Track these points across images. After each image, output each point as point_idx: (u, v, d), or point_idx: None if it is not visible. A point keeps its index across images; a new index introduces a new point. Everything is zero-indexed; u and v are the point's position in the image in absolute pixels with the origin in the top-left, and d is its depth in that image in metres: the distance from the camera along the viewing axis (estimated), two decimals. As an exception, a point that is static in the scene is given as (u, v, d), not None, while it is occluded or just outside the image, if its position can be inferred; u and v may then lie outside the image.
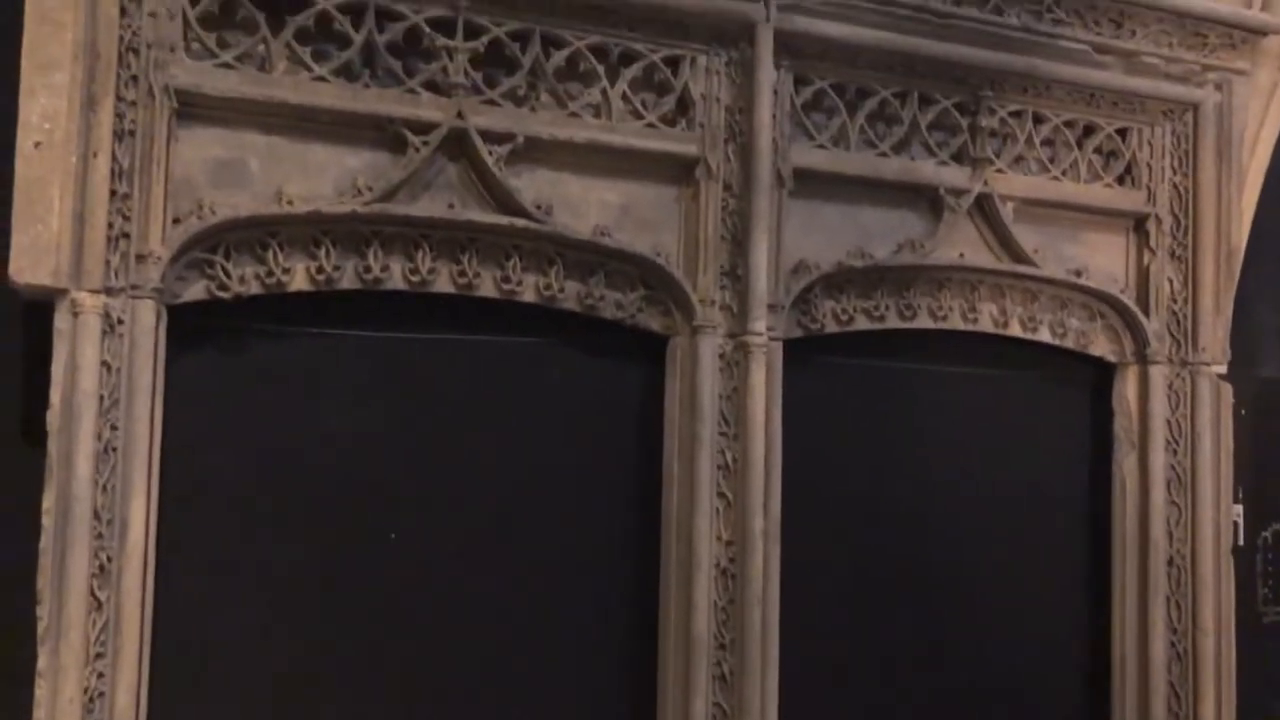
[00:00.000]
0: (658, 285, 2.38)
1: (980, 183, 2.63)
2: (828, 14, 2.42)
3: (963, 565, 2.76)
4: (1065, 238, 2.79)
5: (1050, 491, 2.84)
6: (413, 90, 2.17)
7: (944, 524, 2.73)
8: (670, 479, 2.39)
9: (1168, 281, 2.84)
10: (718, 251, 2.38)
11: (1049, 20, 2.60)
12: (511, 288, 2.26)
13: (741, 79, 2.39)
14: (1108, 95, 2.74)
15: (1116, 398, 2.87)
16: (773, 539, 2.36)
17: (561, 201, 2.30)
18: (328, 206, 2.09)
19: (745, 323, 2.36)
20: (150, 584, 1.96)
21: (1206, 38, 2.75)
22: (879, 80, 2.55)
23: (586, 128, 2.29)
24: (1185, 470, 2.83)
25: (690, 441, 2.35)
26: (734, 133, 2.40)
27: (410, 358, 2.26)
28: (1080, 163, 2.78)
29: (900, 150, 2.60)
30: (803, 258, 2.48)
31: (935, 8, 2.49)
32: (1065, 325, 2.80)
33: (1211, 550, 2.81)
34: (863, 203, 2.58)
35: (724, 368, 2.38)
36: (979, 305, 2.70)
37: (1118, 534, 2.85)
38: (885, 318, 2.61)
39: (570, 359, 2.39)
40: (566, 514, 2.37)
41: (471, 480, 2.30)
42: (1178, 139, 2.84)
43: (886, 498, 2.66)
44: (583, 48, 2.29)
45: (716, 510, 2.35)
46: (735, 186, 2.39)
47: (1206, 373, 2.83)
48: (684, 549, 2.34)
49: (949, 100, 2.62)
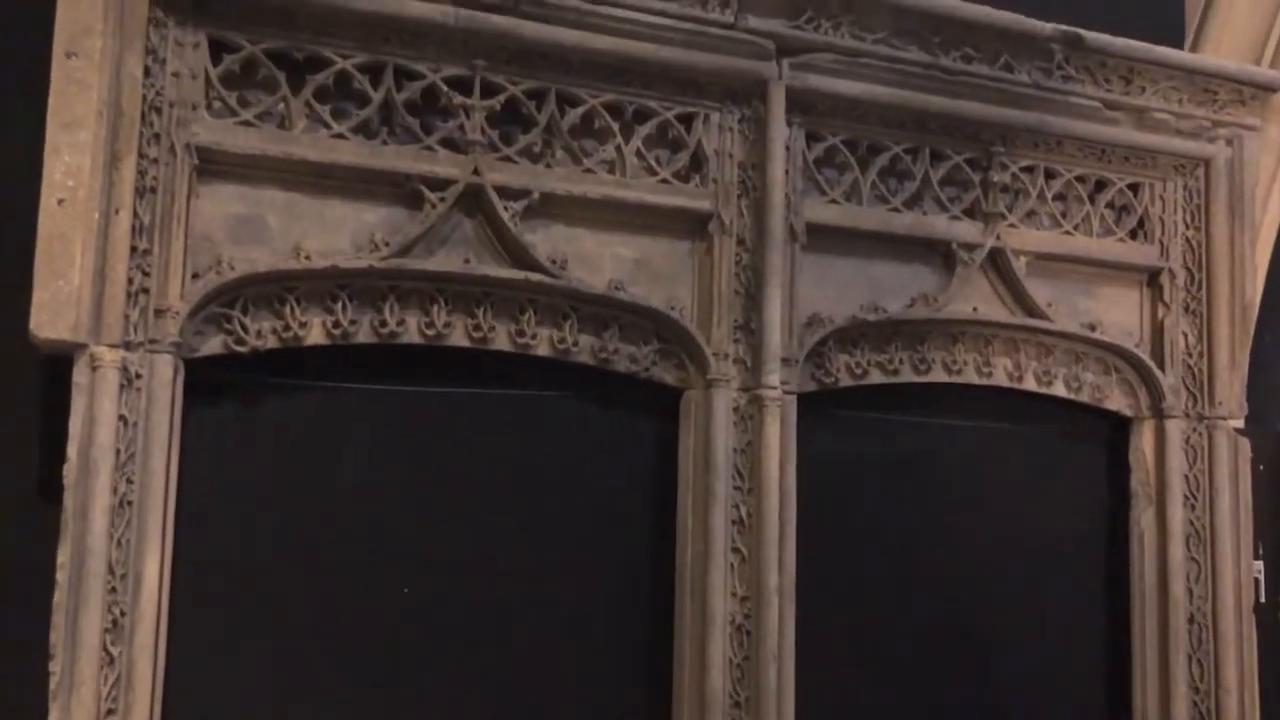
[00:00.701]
0: (672, 339, 2.39)
1: (993, 237, 2.64)
2: (839, 72, 2.45)
3: (980, 622, 2.73)
4: (1079, 292, 2.79)
5: (1068, 547, 2.82)
6: (430, 147, 2.19)
7: (960, 580, 2.70)
8: (684, 533, 2.37)
9: (1182, 336, 2.83)
10: (731, 305, 2.39)
11: (1059, 77, 2.62)
12: (526, 341, 2.27)
13: (754, 135, 2.42)
14: (1119, 150, 2.76)
15: (1133, 452, 2.85)
16: (788, 595, 2.34)
17: (576, 256, 2.31)
18: (345, 261, 2.11)
19: (759, 376, 2.37)
20: (163, 639, 1.96)
21: (1216, 94, 2.77)
22: (891, 136, 2.58)
23: (601, 184, 2.32)
24: (1204, 526, 2.81)
25: (704, 495, 2.35)
26: (747, 188, 2.42)
27: (425, 412, 2.27)
28: (1093, 217, 2.79)
29: (912, 205, 2.61)
30: (816, 311, 2.49)
31: (946, 65, 2.52)
32: (1080, 379, 2.79)
33: (1233, 607, 2.78)
34: (876, 257, 2.59)
35: (738, 421, 2.38)
36: (993, 359, 2.70)
37: (1137, 591, 2.82)
38: (899, 371, 2.61)
39: (584, 412, 2.39)
40: (580, 569, 2.36)
41: (485, 534, 2.30)
42: (1189, 194, 2.85)
43: (902, 553, 2.64)
44: (597, 105, 2.32)
45: (731, 565, 2.34)
46: (749, 241, 2.41)
47: (1223, 427, 2.81)
48: (698, 605, 2.32)
49: (961, 156, 2.64)
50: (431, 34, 2.16)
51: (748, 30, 2.36)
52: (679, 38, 2.31)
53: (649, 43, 2.29)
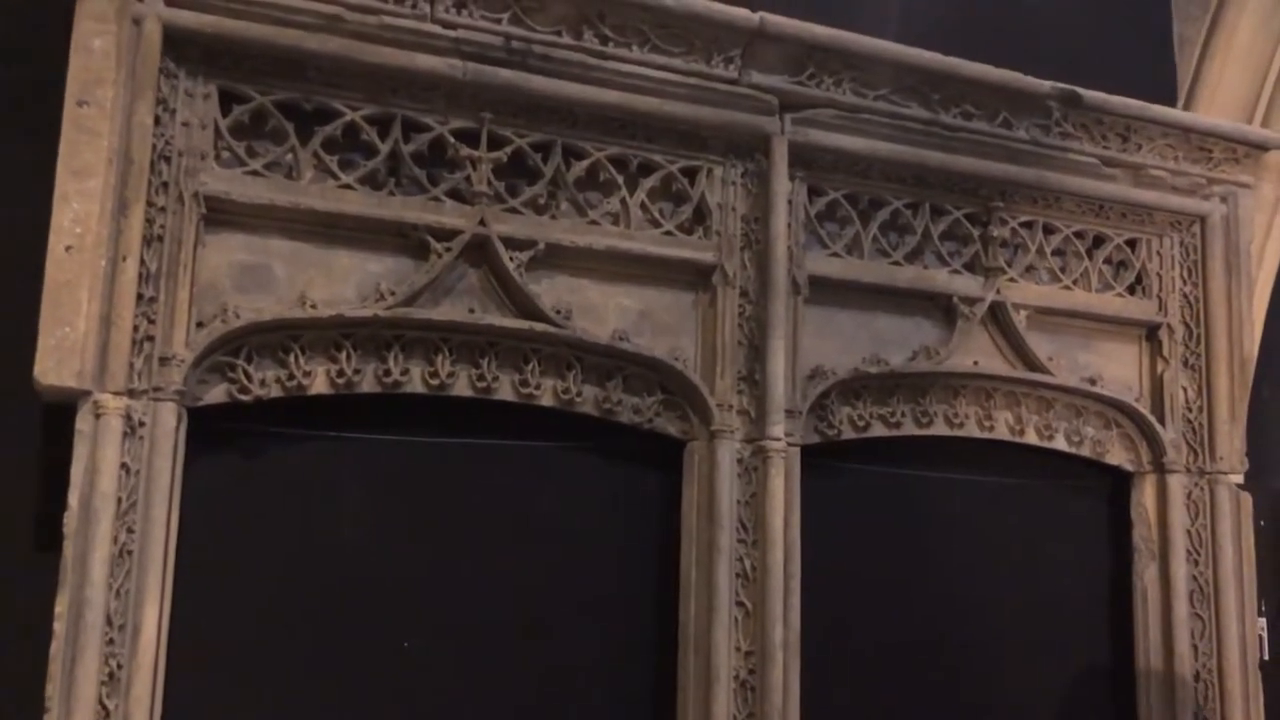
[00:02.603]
0: (675, 390, 2.39)
1: (993, 291, 2.66)
2: (841, 127, 2.47)
3: (984, 677, 2.70)
4: (1078, 346, 2.81)
5: (1071, 603, 2.80)
6: (437, 198, 2.21)
7: (964, 634, 2.68)
8: (687, 587, 2.35)
9: (1182, 390, 2.84)
10: (735, 356, 2.39)
11: (1057, 134, 2.66)
12: (530, 391, 2.27)
13: (757, 189, 2.44)
14: (1116, 207, 2.79)
15: (1135, 507, 2.84)
16: (792, 650, 2.31)
17: (581, 307, 2.32)
18: (350, 310, 2.10)
19: (763, 427, 2.36)
20: (160, 693, 1.92)
21: (1211, 152, 2.81)
22: (891, 191, 2.60)
23: (606, 235, 2.33)
24: (1208, 582, 2.79)
25: (708, 548, 2.33)
26: (750, 241, 2.43)
27: (428, 462, 2.25)
28: (1091, 272, 2.81)
29: (913, 259, 2.63)
30: (819, 364, 2.49)
31: (946, 121, 2.55)
32: (1081, 433, 2.79)
33: (1238, 664, 2.75)
34: (877, 310, 2.60)
35: (742, 473, 2.37)
36: (995, 413, 2.70)
37: (1140, 647, 2.79)
38: (901, 424, 2.61)
39: (587, 464, 2.38)
40: (582, 623, 2.33)
41: (486, 587, 2.27)
42: (1186, 250, 2.87)
43: (905, 607, 2.62)
44: (603, 158, 2.34)
45: (735, 620, 2.31)
46: (752, 293, 2.42)
47: (1225, 482, 2.81)
48: (701, 660, 2.29)
49: (960, 211, 2.66)
50: (440, 86, 2.18)
51: (751, 85, 2.39)
52: (684, 92, 2.34)
53: (654, 97, 2.32)
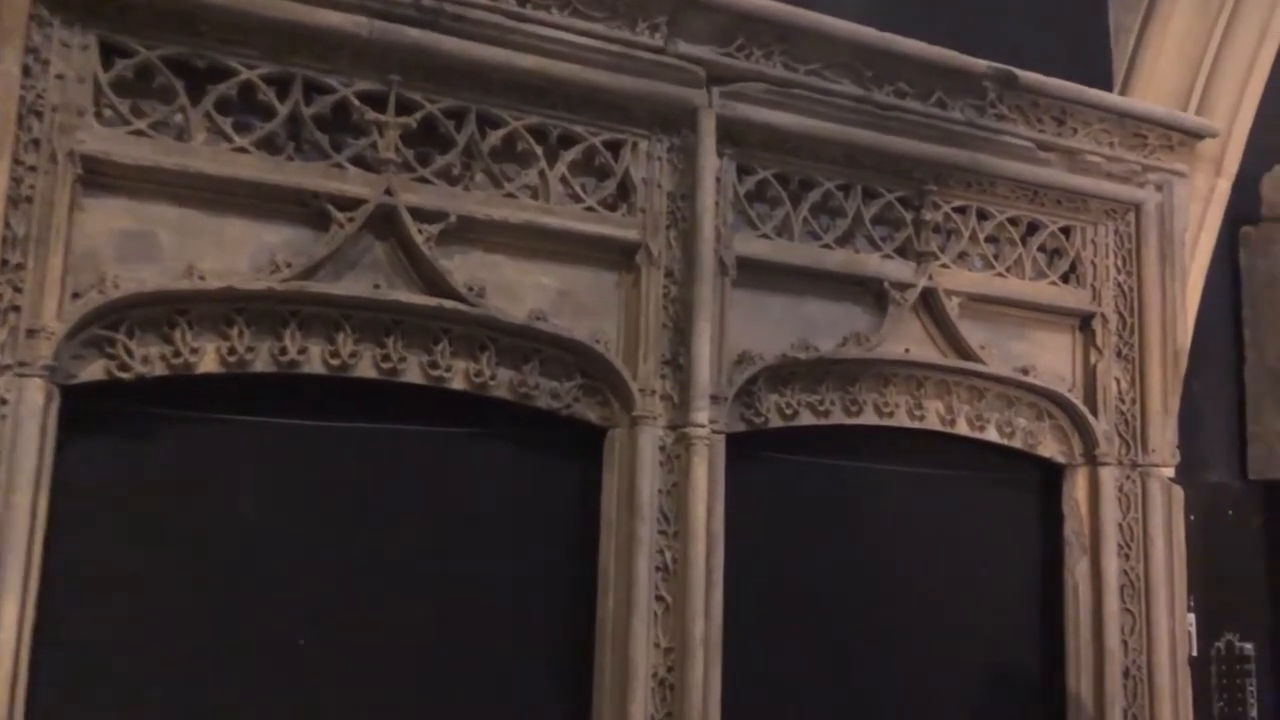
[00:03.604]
0: (596, 374, 2.27)
1: (925, 277, 2.58)
2: (770, 102, 2.37)
3: (913, 673, 2.62)
4: (1011, 335, 2.74)
5: (1002, 598, 2.73)
6: (339, 165, 2.06)
7: (892, 630, 2.59)
8: (606, 581, 2.23)
9: (1115, 381, 2.79)
10: (659, 339, 2.28)
11: (992, 115, 2.58)
12: (439, 374, 2.13)
13: (684, 165, 2.33)
14: (1051, 193, 2.72)
15: (1066, 500, 2.78)
16: (714, 646, 2.21)
17: (495, 284, 2.19)
18: (242, 283, 1.95)
19: (687, 414, 2.25)
20: (21, 694, 1.75)
21: (1146, 138, 2.76)
22: (823, 172, 2.51)
23: (523, 209, 2.20)
24: (1139, 576, 2.74)
25: (627, 540, 2.21)
26: (676, 219, 2.32)
27: (329, 448, 2.11)
28: (1025, 260, 2.74)
29: (844, 243, 2.54)
30: (746, 349, 2.39)
31: (879, 100, 2.46)
32: (1013, 424, 2.72)
33: (1168, 661, 2.71)
34: (807, 294, 2.51)
35: (664, 461, 2.26)
36: (925, 402, 2.62)
37: (1071, 642, 2.74)
38: (830, 413, 2.51)
39: (502, 451, 2.25)
40: (493, 618, 2.21)
41: (390, 581, 2.13)
42: (1121, 238, 2.82)
43: (832, 601, 2.53)
44: (520, 128, 2.21)
45: (655, 615, 2.20)
46: (677, 273, 2.31)
47: (1157, 475, 2.76)
48: (619, 657, 2.18)
49: (893, 194, 2.58)
50: (344, 45, 2.04)
51: (677, 55, 2.28)
52: (606, 60, 2.22)
53: (574, 64, 2.20)
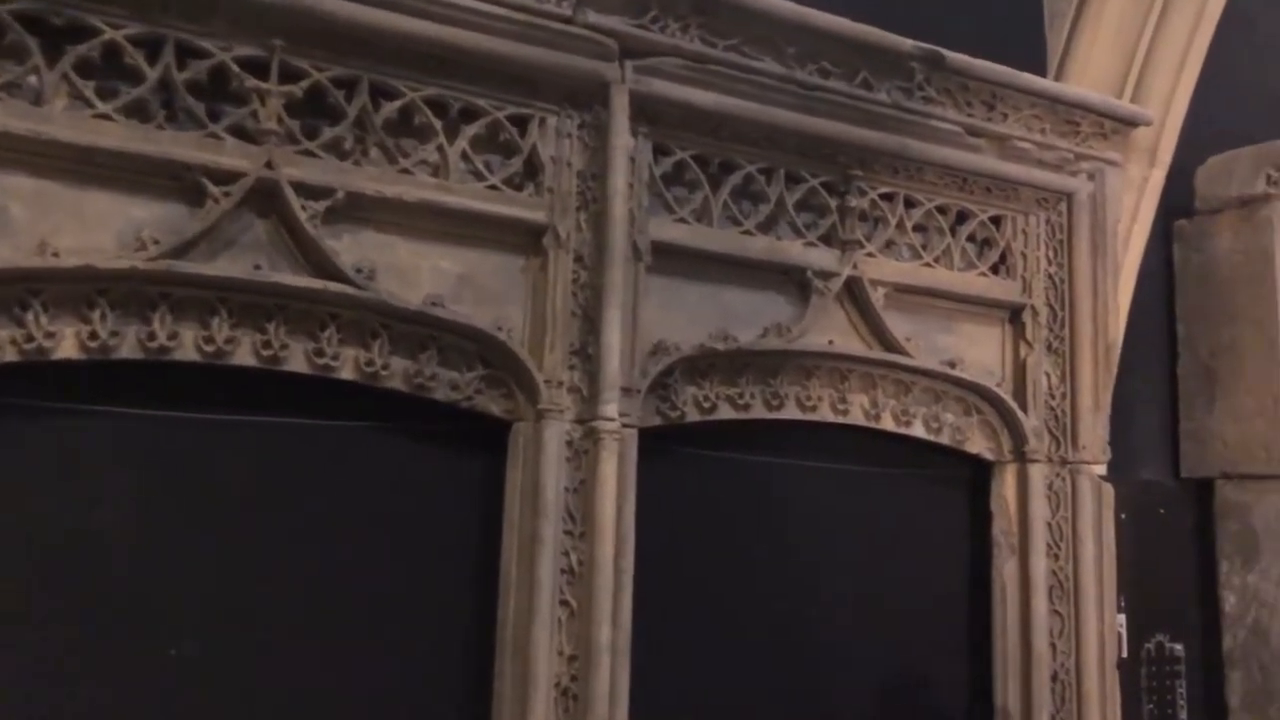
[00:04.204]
0: (499, 364, 2.13)
1: (850, 266, 2.47)
2: (688, 79, 2.25)
3: (836, 677, 2.51)
4: (939, 328, 2.64)
5: (928, 600, 2.63)
6: (216, 135, 1.90)
7: (814, 634, 2.49)
8: (507, 584, 2.10)
9: (1045, 376, 2.70)
10: (567, 328, 2.15)
11: (920, 98, 2.48)
12: (326, 362, 1.98)
13: (595, 143, 2.20)
14: (981, 181, 2.63)
15: (995, 499, 2.69)
16: (621, 653, 2.08)
17: (389, 267, 2.04)
18: (103, 261, 1.79)
19: (596, 407, 2.12)
20: None
21: (1079, 125, 2.67)
22: (744, 154, 2.39)
23: (420, 186, 2.06)
24: (1068, 577, 2.66)
25: (530, 541, 2.08)
26: (587, 200, 2.19)
27: (203, 442, 1.95)
28: (953, 250, 2.65)
29: (766, 229, 2.43)
30: (661, 338, 2.27)
31: (801, 79, 2.35)
32: (940, 420, 2.63)
33: (1096, 664, 2.63)
34: (727, 283, 2.39)
35: (571, 457, 2.12)
36: (850, 396, 2.52)
37: (999, 646, 2.65)
38: (751, 407, 2.40)
39: (396, 446, 2.11)
40: (386, 624, 2.06)
41: (272, 586, 1.98)
42: (1052, 229, 2.74)
43: (751, 605, 2.42)
44: (417, 100, 2.06)
45: (558, 620, 2.07)
46: (587, 258, 2.17)
47: (1087, 472, 2.68)
48: (519, 665, 2.05)
49: (817, 179, 2.47)
50: (220, 6, 1.88)
51: (587, 26, 2.14)
52: (511, 29, 2.08)
53: (476, 32, 2.05)
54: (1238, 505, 3.06)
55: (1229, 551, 3.08)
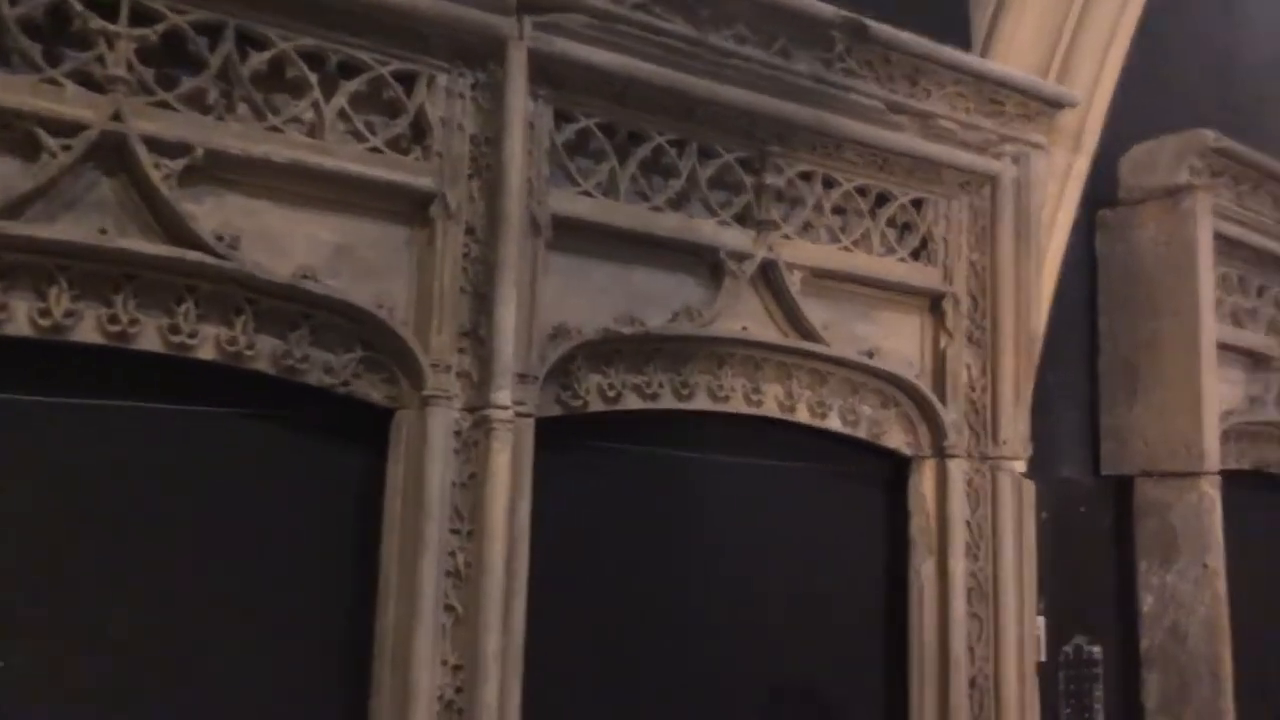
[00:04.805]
0: (380, 345, 1.94)
1: (765, 248, 2.33)
2: (593, 38, 2.07)
3: (746, 686, 2.37)
4: (857, 316, 2.51)
5: (843, 603, 2.50)
6: (54, 81, 1.68)
7: (724, 640, 2.34)
8: (387, 589, 1.91)
9: (965, 368, 2.59)
10: (456, 307, 1.96)
11: (840, 70, 2.34)
12: (182, 340, 1.76)
13: (490, 105, 2.01)
14: (902, 161, 2.50)
15: (913, 496, 2.57)
16: (512, 662, 1.90)
17: (256, 235, 1.83)
18: (-88, 218, 1.56)
19: (487, 394, 1.94)
20: None
21: (1003, 105, 2.56)
22: (654, 125, 2.22)
23: (292, 146, 1.85)
24: (987, 578, 2.55)
25: (413, 541, 1.89)
26: (480, 167, 2.01)
27: (38, 427, 1.72)
28: (873, 234, 2.52)
29: (677, 206, 2.27)
30: (563, 321, 2.10)
31: (715, 44, 2.19)
32: (857, 413, 2.50)
33: (1015, 668, 2.52)
34: (634, 263, 2.22)
35: (459, 449, 1.94)
36: (764, 386, 2.37)
37: (915, 650, 2.53)
38: (659, 396, 2.24)
39: (263, 435, 1.90)
40: (252, 636, 1.86)
41: (120, 591, 1.76)
42: (975, 214, 2.62)
43: (656, 609, 2.26)
44: (290, 51, 1.85)
45: (443, 628, 1.88)
46: (480, 231, 1.99)
47: (1008, 468, 2.57)
48: (399, 678, 1.86)
49: (732, 154, 2.31)
50: (60, -67, 1.66)
51: (482, -25, 1.97)
52: (398, -24, 1.89)
53: (358, -22, 1.86)
54: (1158, 503, 2.99)
55: (1148, 551, 3.01)
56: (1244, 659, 2.91)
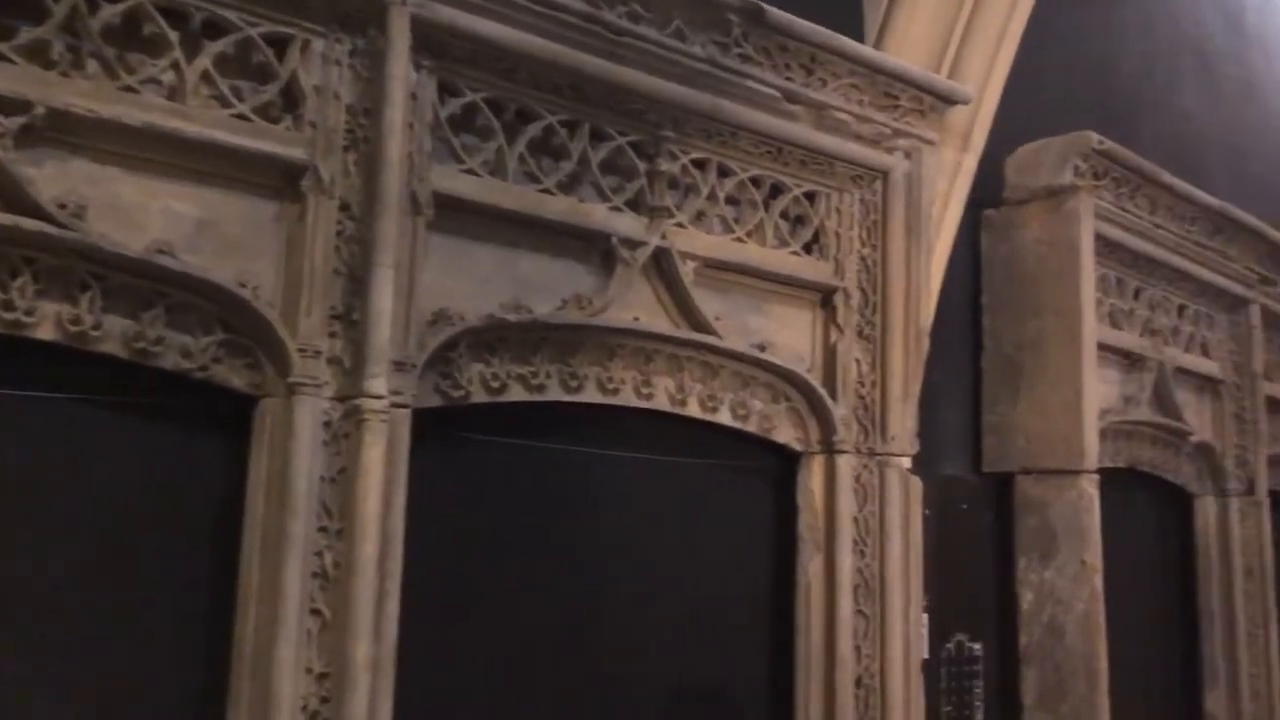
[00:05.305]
0: (243, 328, 1.79)
1: (658, 236, 2.25)
2: (481, 8, 1.96)
3: (631, 688, 2.29)
4: (749, 308, 2.46)
5: (731, 601, 2.45)
6: None
7: (609, 640, 2.26)
8: (247, 591, 1.76)
9: (855, 363, 2.56)
10: (328, 288, 1.83)
11: (736, 55, 2.28)
12: (17, 317, 1.59)
13: (370, 74, 1.88)
14: (796, 152, 2.45)
15: (801, 491, 2.53)
16: (384, 670, 1.78)
17: (106, 204, 1.67)
18: None
19: (361, 382, 1.81)
20: None
21: (897, 99, 2.54)
22: (545, 103, 2.12)
23: (147, 109, 1.69)
24: (874, 575, 2.52)
25: (277, 540, 1.75)
26: (357, 140, 1.87)
27: None
28: (766, 225, 2.47)
29: (568, 189, 2.17)
30: (444, 306, 1.98)
31: (608, 20, 2.10)
32: (748, 407, 2.44)
33: (901, 667, 2.50)
34: (522, 247, 2.12)
35: (329, 441, 1.80)
36: (655, 379, 2.29)
37: (801, 649, 2.48)
38: (546, 388, 2.14)
39: (109, 424, 1.73)
40: (97, 643, 1.69)
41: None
42: (866, 208, 2.60)
43: (541, 610, 2.16)
44: (148, 5, 1.70)
45: (308, 633, 1.75)
46: (355, 207, 1.86)
47: (896, 465, 2.55)
48: (258, 687, 1.72)
49: (625, 138, 2.23)
50: None
51: (362, -66, 1.84)
52: (268, -70, 1.75)
53: (224, -72, 1.71)
54: (1037, 501, 3.02)
55: (1027, 548, 3.04)
56: (1118, 654, 2.96)
